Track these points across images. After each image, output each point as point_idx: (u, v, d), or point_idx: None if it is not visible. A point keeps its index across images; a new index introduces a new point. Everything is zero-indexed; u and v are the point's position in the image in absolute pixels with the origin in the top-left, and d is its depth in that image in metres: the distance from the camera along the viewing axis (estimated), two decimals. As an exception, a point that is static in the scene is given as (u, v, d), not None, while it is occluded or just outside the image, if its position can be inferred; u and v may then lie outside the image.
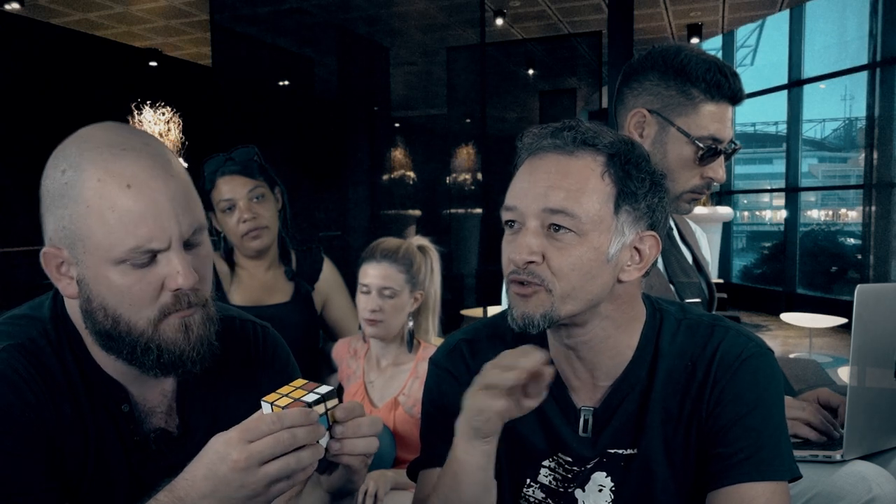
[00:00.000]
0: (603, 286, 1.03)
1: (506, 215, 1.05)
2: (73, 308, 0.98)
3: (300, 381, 0.91)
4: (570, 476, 1.11)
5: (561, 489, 1.11)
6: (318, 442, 0.86)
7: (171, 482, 0.85)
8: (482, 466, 0.99)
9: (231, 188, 2.00)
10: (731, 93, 1.50)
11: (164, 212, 0.91)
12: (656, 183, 1.05)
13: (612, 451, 1.09)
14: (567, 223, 0.99)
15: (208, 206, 2.04)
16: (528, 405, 0.97)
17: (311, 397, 0.87)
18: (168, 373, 0.97)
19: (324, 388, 0.88)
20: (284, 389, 0.89)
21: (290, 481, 0.84)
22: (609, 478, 1.08)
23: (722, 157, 1.53)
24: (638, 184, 1.02)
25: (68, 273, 0.94)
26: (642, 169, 1.03)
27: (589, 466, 1.10)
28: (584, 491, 1.10)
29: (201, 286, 0.95)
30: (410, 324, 1.93)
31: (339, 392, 2.07)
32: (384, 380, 1.94)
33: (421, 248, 1.96)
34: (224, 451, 0.82)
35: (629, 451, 1.08)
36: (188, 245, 0.94)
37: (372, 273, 1.89)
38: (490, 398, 0.94)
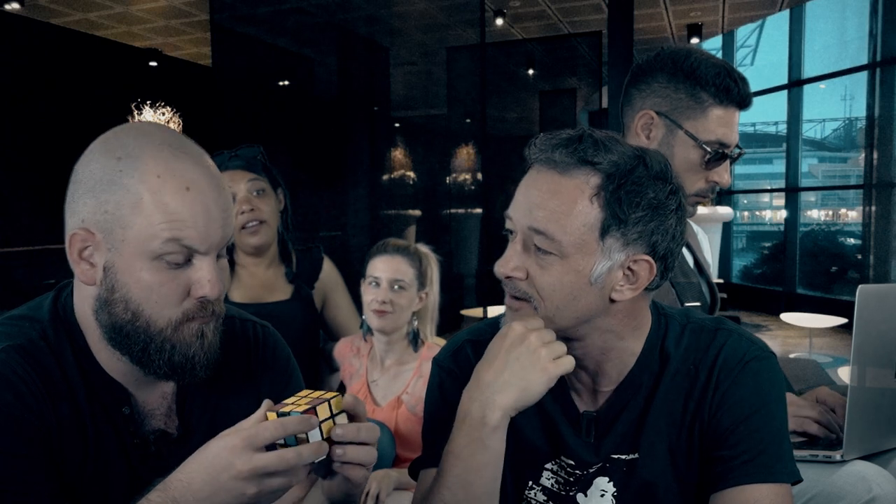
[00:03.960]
0: (589, 306, 1.01)
1: (507, 223, 1.05)
2: (81, 306, 0.98)
3: (304, 392, 0.90)
4: (571, 480, 1.10)
5: (562, 492, 1.11)
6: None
7: (164, 481, 0.85)
8: (499, 457, 1.00)
9: (231, 180, 2.01)
10: (740, 98, 1.50)
11: (214, 219, 0.93)
12: (660, 205, 0.98)
13: (616, 456, 1.08)
14: (545, 245, 0.98)
15: None
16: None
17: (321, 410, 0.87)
18: (173, 376, 0.97)
19: (328, 395, 0.88)
20: (290, 400, 0.88)
21: (281, 496, 0.86)
22: (611, 483, 1.08)
23: (728, 162, 1.53)
24: (632, 209, 0.97)
25: (91, 258, 0.94)
26: (642, 192, 0.97)
27: (591, 471, 1.09)
28: (586, 496, 1.09)
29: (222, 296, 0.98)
30: (415, 323, 1.94)
31: (341, 390, 2.07)
32: (388, 379, 1.94)
33: (425, 254, 1.99)
34: (228, 459, 0.82)
35: (632, 456, 1.08)
36: (217, 255, 0.96)
37: (383, 266, 1.91)
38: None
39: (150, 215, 0.90)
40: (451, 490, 0.99)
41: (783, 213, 8.50)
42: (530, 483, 1.13)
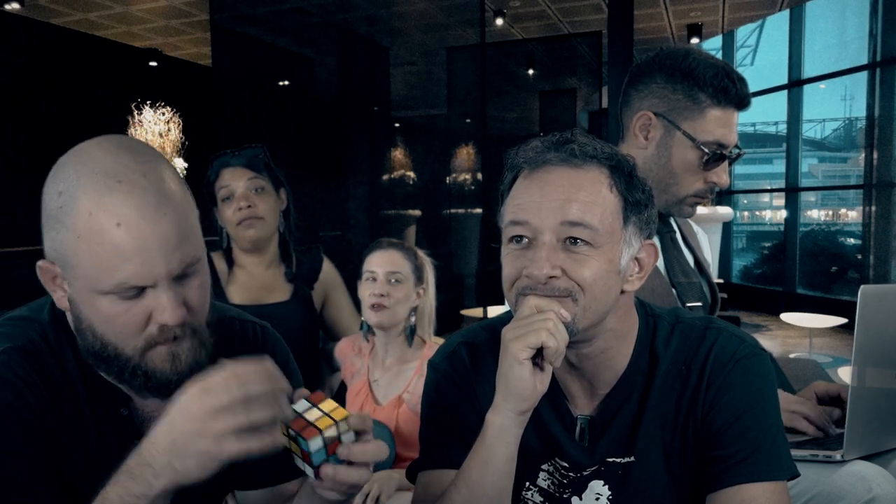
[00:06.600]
0: (614, 298, 1.03)
1: (514, 230, 1.03)
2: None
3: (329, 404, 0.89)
4: (565, 482, 1.10)
5: (557, 494, 1.11)
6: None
7: (139, 445, 0.84)
8: (511, 456, 1.00)
9: (231, 177, 2.03)
10: (738, 98, 1.49)
11: (152, 252, 0.88)
12: (650, 193, 1.06)
13: (611, 459, 1.08)
14: (585, 235, 0.99)
15: (211, 199, 2.06)
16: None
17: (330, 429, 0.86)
18: (156, 396, 0.95)
19: (339, 414, 0.87)
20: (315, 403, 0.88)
21: (242, 444, 0.81)
22: (606, 486, 1.08)
23: (726, 163, 1.53)
24: (640, 194, 1.03)
25: (62, 286, 0.93)
26: (641, 180, 1.05)
27: (586, 474, 1.09)
28: (580, 499, 1.09)
29: (192, 317, 0.93)
30: (412, 319, 1.93)
31: (342, 390, 2.07)
32: (389, 377, 1.94)
33: (420, 255, 2.00)
34: (184, 404, 0.82)
35: (627, 459, 1.08)
36: (181, 276, 0.92)
37: (379, 260, 1.92)
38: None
39: (90, 255, 0.88)
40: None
41: (783, 213, 8.49)
42: (527, 484, 1.13)
